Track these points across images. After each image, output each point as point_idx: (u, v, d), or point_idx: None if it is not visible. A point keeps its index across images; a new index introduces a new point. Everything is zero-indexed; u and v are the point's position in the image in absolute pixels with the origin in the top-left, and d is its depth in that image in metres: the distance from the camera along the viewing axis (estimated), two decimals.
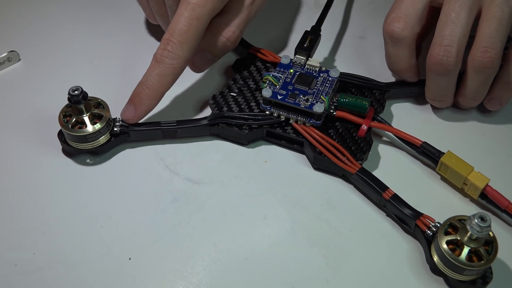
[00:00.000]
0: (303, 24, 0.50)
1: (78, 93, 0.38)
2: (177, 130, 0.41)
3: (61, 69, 0.47)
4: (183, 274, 0.35)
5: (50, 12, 0.52)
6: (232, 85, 0.44)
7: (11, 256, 0.36)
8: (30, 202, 0.38)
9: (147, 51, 0.43)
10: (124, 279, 0.35)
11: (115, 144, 0.41)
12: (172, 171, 0.40)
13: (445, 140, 0.42)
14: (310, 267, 0.36)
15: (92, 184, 0.40)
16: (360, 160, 0.40)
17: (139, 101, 0.39)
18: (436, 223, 0.35)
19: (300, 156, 0.41)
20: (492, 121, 0.44)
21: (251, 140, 0.42)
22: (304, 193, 0.39)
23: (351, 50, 0.49)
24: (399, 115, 0.44)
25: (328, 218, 0.38)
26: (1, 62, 0.46)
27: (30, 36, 0.49)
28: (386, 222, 0.38)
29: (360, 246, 0.37)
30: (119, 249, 0.36)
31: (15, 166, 0.40)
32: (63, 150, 0.41)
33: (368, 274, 0.36)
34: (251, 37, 0.48)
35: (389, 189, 0.37)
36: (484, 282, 0.34)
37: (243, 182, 0.40)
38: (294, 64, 0.43)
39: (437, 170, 0.40)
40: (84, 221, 0.38)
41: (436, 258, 0.34)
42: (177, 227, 0.37)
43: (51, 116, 0.41)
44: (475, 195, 0.38)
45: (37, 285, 0.35)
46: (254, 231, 0.37)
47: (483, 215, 0.32)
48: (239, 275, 0.35)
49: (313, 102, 0.40)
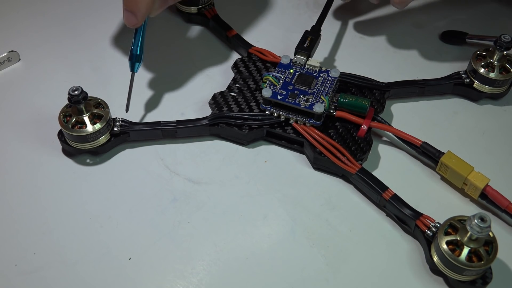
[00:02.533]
0: (303, 24, 0.50)
1: (78, 93, 0.38)
2: (177, 130, 0.41)
3: (61, 69, 0.47)
4: (183, 274, 0.35)
5: (50, 12, 0.52)
6: (232, 85, 0.44)
7: (11, 256, 0.36)
8: (30, 202, 0.38)
9: (147, 51, 0.43)
10: (124, 279, 0.35)
11: (115, 144, 0.41)
12: (172, 171, 0.40)
13: (445, 140, 0.42)
14: (310, 267, 0.36)
15: (92, 184, 0.40)
16: (360, 160, 0.40)
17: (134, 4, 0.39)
18: (436, 223, 0.35)
19: (300, 156, 0.41)
20: (492, 121, 0.44)
21: (251, 140, 0.42)
22: (304, 193, 0.39)
23: (351, 50, 0.49)
24: (399, 115, 0.44)
25: (328, 218, 0.38)
26: (1, 62, 0.46)
27: (30, 36, 0.49)
28: (386, 222, 0.38)
29: (360, 246, 0.37)
30: (119, 249, 0.36)
31: (15, 166, 0.40)
32: (63, 150, 0.41)
33: (368, 274, 0.36)
34: (251, 37, 0.48)
35: (389, 189, 0.37)
36: (484, 283, 0.34)
37: (243, 182, 0.40)
38: (294, 64, 0.43)
39: (437, 170, 0.40)
40: (84, 221, 0.38)
41: (436, 258, 0.34)
42: (177, 227, 0.37)
43: (51, 116, 0.41)
44: (475, 195, 0.38)
45: (37, 285, 0.35)
46: (254, 231, 0.37)
47: (483, 216, 0.32)
48: (239, 275, 0.35)
49: (313, 102, 0.40)
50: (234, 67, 0.46)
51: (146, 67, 0.46)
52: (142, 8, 0.39)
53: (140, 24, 0.40)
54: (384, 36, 0.50)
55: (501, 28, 0.50)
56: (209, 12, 0.50)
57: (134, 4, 0.39)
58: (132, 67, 0.42)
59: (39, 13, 0.52)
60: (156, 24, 0.47)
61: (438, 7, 0.53)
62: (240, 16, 0.51)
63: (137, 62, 0.41)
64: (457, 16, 0.52)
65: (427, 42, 0.49)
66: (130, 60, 0.42)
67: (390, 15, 0.52)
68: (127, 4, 0.39)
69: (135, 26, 0.40)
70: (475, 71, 0.44)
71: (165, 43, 0.49)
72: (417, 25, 0.51)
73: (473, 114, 0.44)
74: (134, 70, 0.42)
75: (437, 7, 0.53)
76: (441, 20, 0.52)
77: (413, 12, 0.52)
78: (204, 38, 0.50)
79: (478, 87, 0.44)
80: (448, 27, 0.50)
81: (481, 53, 0.44)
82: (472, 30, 0.48)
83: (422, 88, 0.44)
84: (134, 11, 0.39)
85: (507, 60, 0.44)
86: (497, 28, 0.50)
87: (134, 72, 0.42)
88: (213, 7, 0.50)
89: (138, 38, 0.41)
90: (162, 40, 0.49)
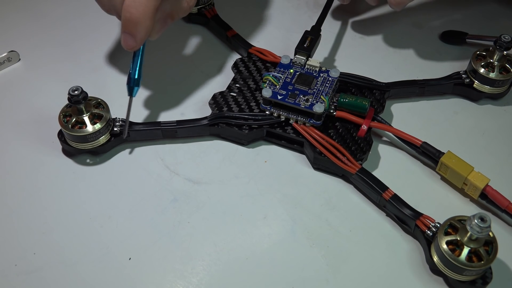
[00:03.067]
0: (303, 24, 0.50)
1: (78, 93, 0.38)
2: (177, 130, 0.41)
3: (61, 69, 0.47)
4: (183, 274, 0.35)
5: (50, 12, 0.52)
6: (232, 85, 0.44)
7: (11, 256, 0.36)
8: (30, 202, 0.38)
9: (147, 51, 0.43)
10: (124, 279, 0.35)
11: (115, 144, 0.41)
12: (172, 171, 0.40)
13: (445, 140, 0.42)
14: (310, 267, 0.36)
15: (92, 184, 0.40)
16: (360, 160, 0.40)
17: (133, 26, 0.37)
18: (436, 223, 0.35)
19: (300, 156, 0.41)
20: (492, 121, 0.44)
21: (251, 140, 0.42)
22: (304, 193, 0.39)
23: (351, 50, 0.49)
24: (399, 115, 0.44)
25: (328, 218, 0.38)
26: (1, 62, 0.46)
27: (30, 36, 0.49)
28: (386, 222, 0.38)
29: (360, 246, 0.37)
30: (119, 249, 0.36)
31: (15, 166, 0.40)
32: (63, 150, 0.41)
33: (368, 274, 0.36)
34: (251, 37, 0.48)
35: (389, 189, 0.37)
36: (484, 283, 0.34)
37: (243, 182, 0.40)
38: (294, 64, 0.43)
39: (437, 170, 0.40)
40: (84, 221, 0.38)
41: (436, 258, 0.34)
42: (177, 227, 0.37)
43: (51, 116, 0.41)
44: (475, 195, 0.38)
45: (37, 285, 0.35)
46: (254, 231, 0.37)
47: (483, 216, 0.32)
48: (239, 275, 0.35)
49: (313, 102, 0.40)
50: (234, 67, 0.46)
51: (146, 67, 0.46)
52: (141, 31, 0.37)
53: (138, 47, 0.38)
54: (384, 36, 0.50)
55: (501, 28, 0.50)
56: (209, 12, 0.50)
57: (133, 26, 0.37)
58: (130, 91, 0.40)
59: (39, 13, 0.52)
60: None
61: (438, 7, 0.53)
62: (240, 16, 0.51)
63: (135, 87, 0.40)
64: (457, 16, 0.52)
65: (427, 42, 0.49)
66: (128, 84, 0.40)
67: (390, 15, 0.52)
68: (126, 26, 0.37)
69: (134, 49, 0.39)
70: (475, 71, 0.44)
71: (165, 43, 0.49)
72: (417, 25, 0.51)
73: (473, 114, 0.44)
74: (133, 95, 0.40)
75: (437, 7, 0.53)
76: (441, 20, 0.52)
77: (413, 12, 0.52)
78: (204, 38, 0.50)
79: (478, 87, 0.44)
80: (448, 27, 0.50)
81: (481, 53, 0.44)
82: (472, 30, 0.48)
83: (422, 88, 0.44)
84: (133, 34, 0.37)
85: (507, 60, 0.44)
86: (496, 28, 0.50)
87: (132, 97, 0.40)
88: (213, 7, 0.50)
89: (137, 62, 0.40)
90: (162, 40, 0.49)
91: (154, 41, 0.48)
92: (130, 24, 0.37)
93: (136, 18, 0.36)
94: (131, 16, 0.36)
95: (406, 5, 0.44)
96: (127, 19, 0.37)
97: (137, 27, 0.37)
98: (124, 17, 0.37)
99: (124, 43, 0.38)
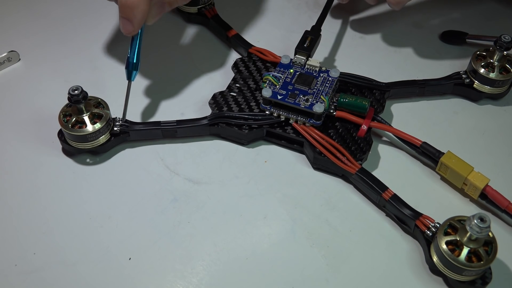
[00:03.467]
0: (303, 24, 0.50)
1: (78, 93, 0.38)
2: (177, 130, 0.41)
3: (61, 69, 0.47)
4: (183, 274, 0.35)
5: (50, 12, 0.52)
6: (232, 85, 0.44)
7: (11, 256, 0.36)
8: (30, 202, 0.38)
9: (147, 51, 0.43)
10: (124, 279, 0.35)
11: (115, 143, 0.41)
12: (172, 171, 0.40)
13: (445, 140, 0.42)
14: (310, 267, 0.36)
15: (92, 184, 0.40)
16: (360, 160, 0.40)
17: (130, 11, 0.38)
18: (435, 223, 0.35)
19: (300, 156, 0.41)
20: (492, 121, 0.44)
21: (251, 140, 0.42)
22: (304, 193, 0.39)
23: (351, 50, 0.49)
24: (399, 115, 0.44)
25: (328, 218, 0.38)
26: (1, 62, 0.46)
27: (30, 36, 0.49)
28: (386, 222, 0.38)
29: (360, 246, 0.37)
30: (119, 249, 0.36)
31: (15, 166, 0.40)
32: (63, 150, 0.41)
33: (368, 274, 0.36)
34: (251, 37, 0.48)
35: (388, 189, 0.37)
36: (483, 283, 0.34)
37: (243, 182, 0.40)
38: (294, 64, 0.43)
39: (437, 170, 0.40)
40: (84, 221, 0.38)
41: (435, 259, 0.34)
42: (177, 227, 0.37)
43: (51, 116, 0.41)
44: (475, 195, 0.38)
45: (37, 285, 0.35)
46: (254, 231, 0.37)
47: (483, 216, 0.32)
48: (239, 275, 0.35)
49: (313, 102, 0.40)
50: (234, 67, 0.46)
51: (146, 67, 0.46)
52: (138, 15, 0.39)
53: (136, 31, 0.40)
54: (384, 36, 0.50)
55: (500, 28, 0.50)
56: (209, 12, 0.50)
57: (130, 11, 0.38)
58: (129, 75, 0.41)
59: (39, 13, 0.52)
60: (156, 24, 0.47)
61: (438, 7, 0.53)
62: (240, 16, 0.51)
63: (134, 71, 0.41)
64: (457, 16, 0.52)
65: (427, 42, 0.49)
66: (127, 68, 0.41)
67: (390, 15, 0.52)
68: (123, 11, 0.39)
69: (132, 34, 0.40)
70: (475, 71, 0.44)
71: (165, 43, 0.49)
72: (417, 25, 0.51)
73: (473, 114, 0.44)
74: (131, 79, 0.41)
75: (437, 7, 0.53)
76: (441, 20, 0.52)
77: (413, 12, 0.52)
78: (204, 38, 0.50)
79: (478, 87, 0.44)
80: (448, 27, 0.50)
81: (481, 53, 0.44)
82: (472, 30, 0.48)
83: (422, 88, 0.44)
84: (130, 19, 0.39)
85: (507, 60, 0.44)
86: (496, 28, 0.50)
87: (131, 81, 0.41)
88: (213, 7, 0.50)
89: (135, 46, 0.41)
90: (162, 40, 0.49)
91: (154, 41, 0.49)
92: (126, 9, 0.38)
93: (132, 3, 0.38)
94: (127, 1, 0.38)
95: (405, 4, 0.44)
96: (124, 4, 0.38)
97: (134, 12, 0.38)
98: (121, 2, 0.38)
99: (122, 28, 0.40)
